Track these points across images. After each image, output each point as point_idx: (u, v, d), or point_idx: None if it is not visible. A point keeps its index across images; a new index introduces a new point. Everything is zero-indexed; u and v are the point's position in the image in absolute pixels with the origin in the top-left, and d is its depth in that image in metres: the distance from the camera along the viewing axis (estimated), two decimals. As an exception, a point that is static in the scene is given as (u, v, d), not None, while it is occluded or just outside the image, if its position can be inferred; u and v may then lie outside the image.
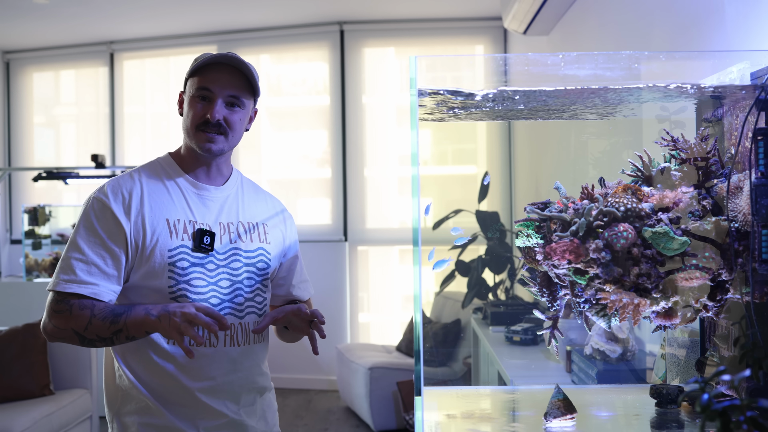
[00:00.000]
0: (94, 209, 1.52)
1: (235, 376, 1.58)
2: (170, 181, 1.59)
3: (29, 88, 6.26)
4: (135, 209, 1.52)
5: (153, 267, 1.51)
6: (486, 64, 1.79)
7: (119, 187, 1.55)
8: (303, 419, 4.79)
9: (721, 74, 1.44)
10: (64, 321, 1.47)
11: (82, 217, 1.53)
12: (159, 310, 1.45)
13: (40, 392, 3.59)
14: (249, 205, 1.67)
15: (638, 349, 2.45)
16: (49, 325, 1.49)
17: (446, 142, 5.83)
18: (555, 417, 1.34)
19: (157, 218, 1.53)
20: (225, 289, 1.58)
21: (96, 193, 1.55)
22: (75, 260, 1.48)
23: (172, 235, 1.53)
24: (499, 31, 5.54)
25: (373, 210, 5.68)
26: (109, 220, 1.51)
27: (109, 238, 1.50)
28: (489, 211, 4.63)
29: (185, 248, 1.54)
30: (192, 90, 1.58)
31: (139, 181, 1.57)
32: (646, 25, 2.53)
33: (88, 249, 1.49)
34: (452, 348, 4.61)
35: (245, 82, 1.59)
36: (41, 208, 5.45)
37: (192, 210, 1.58)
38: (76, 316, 1.46)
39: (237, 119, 1.58)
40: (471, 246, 4.60)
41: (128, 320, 1.46)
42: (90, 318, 1.46)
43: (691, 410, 1.41)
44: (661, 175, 1.39)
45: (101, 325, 1.46)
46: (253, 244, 1.63)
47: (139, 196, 1.54)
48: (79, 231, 1.51)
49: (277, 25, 5.69)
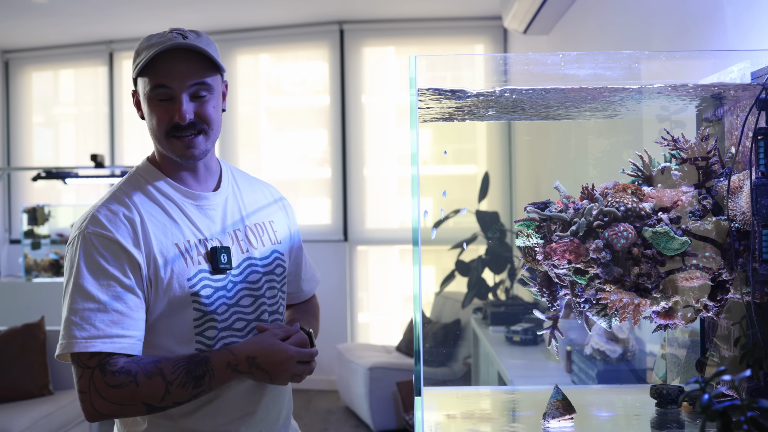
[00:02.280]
0: (96, 245, 1.26)
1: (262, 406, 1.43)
2: (162, 197, 1.36)
3: (28, 88, 6.26)
4: (142, 238, 1.29)
5: (174, 302, 1.30)
6: (486, 64, 1.78)
7: (115, 216, 1.29)
8: (303, 419, 4.78)
9: (722, 74, 1.44)
10: (130, 396, 1.21)
11: (81, 257, 1.25)
12: (247, 365, 1.27)
13: (39, 392, 3.59)
14: (249, 202, 1.49)
15: (638, 349, 2.45)
16: (106, 405, 1.21)
17: (446, 142, 5.83)
18: (554, 417, 1.34)
19: (165, 245, 1.31)
20: (248, 308, 1.39)
21: (89, 227, 1.27)
22: (91, 311, 1.22)
23: (188, 261, 1.32)
24: (499, 30, 5.54)
25: (373, 210, 5.68)
26: (120, 255, 1.26)
27: (125, 275, 1.26)
28: (489, 211, 4.63)
29: (204, 273, 1.33)
30: (146, 90, 1.31)
31: (132, 203, 1.32)
32: (646, 25, 2.53)
33: (103, 295, 1.24)
34: (452, 348, 4.60)
35: (204, 61, 1.32)
36: (40, 207, 5.45)
37: (197, 226, 1.36)
38: (147, 386, 1.21)
39: (210, 109, 1.33)
40: (471, 246, 4.60)
41: (213, 381, 1.26)
42: (166, 387, 1.22)
43: (691, 410, 1.41)
44: (662, 174, 1.39)
45: (182, 392, 1.23)
46: (266, 249, 1.45)
47: (139, 221, 1.30)
48: (81, 275, 1.24)
49: (277, 24, 5.69)
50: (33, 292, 4.93)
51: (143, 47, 1.32)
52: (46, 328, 3.70)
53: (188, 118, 1.30)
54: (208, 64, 1.33)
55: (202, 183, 1.42)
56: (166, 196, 1.36)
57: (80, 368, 1.23)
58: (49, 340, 3.70)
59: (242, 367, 1.27)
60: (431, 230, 4.46)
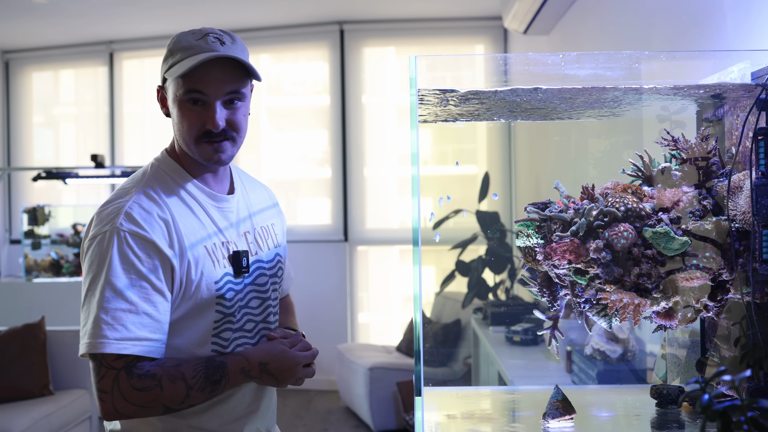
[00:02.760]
0: (129, 244, 1.24)
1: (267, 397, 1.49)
2: (189, 197, 1.35)
3: (29, 88, 6.26)
4: (176, 240, 1.28)
5: (199, 303, 1.31)
6: (486, 64, 1.78)
7: (149, 215, 1.27)
8: (303, 419, 4.78)
9: (722, 74, 1.44)
10: (152, 399, 1.22)
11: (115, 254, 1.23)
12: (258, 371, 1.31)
13: (40, 392, 3.59)
14: (254, 201, 1.50)
15: (638, 349, 2.45)
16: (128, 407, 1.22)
17: (446, 142, 5.83)
18: (553, 417, 1.34)
19: (195, 247, 1.31)
20: (256, 309, 1.42)
21: (124, 224, 1.25)
22: (122, 312, 1.21)
23: (215, 263, 1.33)
24: (499, 30, 5.54)
25: (373, 210, 5.68)
26: (154, 256, 1.25)
27: (158, 278, 1.25)
28: (489, 211, 4.63)
29: (229, 276, 1.35)
30: (180, 92, 1.30)
31: (162, 202, 1.31)
32: (646, 25, 2.53)
33: (134, 295, 1.23)
34: (452, 348, 4.60)
35: (240, 68, 1.32)
36: (40, 208, 5.45)
37: (220, 228, 1.37)
38: (170, 391, 1.23)
39: (241, 116, 1.34)
40: (471, 246, 4.60)
41: (228, 385, 1.29)
42: (186, 391, 1.24)
43: (691, 410, 1.41)
44: (662, 175, 1.39)
45: (200, 396, 1.26)
46: (270, 252, 1.47)
47: (171, 220, 1.29)
48: (114, 273, 1.22)
49: (277, 24, 5.69)
50: (33, 293, 4.93)
51: (178, 48, 1.31)
52: (46, 329, 3.70)
53: (221, 126, 1.31)
54: (242, 71, 1.33)
55: (219, 184, 1.43)
56: (192, 196, 1.36)
57: (104, 368, 1.22)
58: (50, 340, 3.70)
59: (254, 372, 1.32)
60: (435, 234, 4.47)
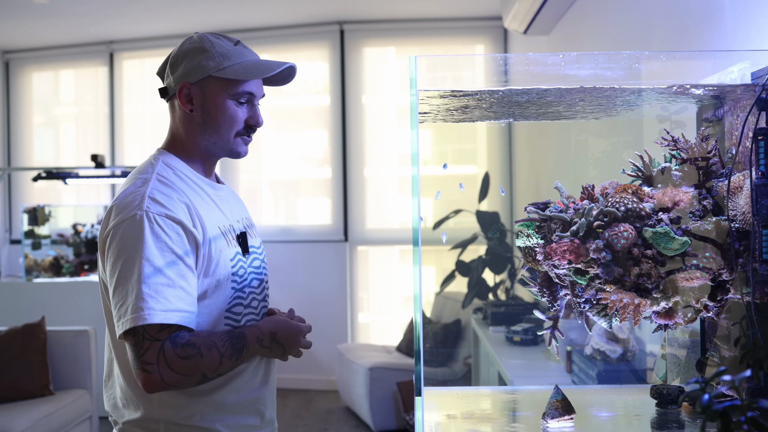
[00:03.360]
0: (160, 225, 1.32)
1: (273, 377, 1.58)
2: (194, 184, 1.45)
3: (29, 88, 6.26)
4: (197, 220, 1.38)
5: (218, 280, 1.39)
6: (486, 64, 1.79)
7: (170, 198, 1.36)
8: (303, 419, 4.79)
9: (722, 74, 1.44)
10: (194, 367, 1.30)
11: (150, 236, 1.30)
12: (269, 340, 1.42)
13: (40, 392, 3.59)
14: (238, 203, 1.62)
15: (638, 349, 2.45)
16: (173, 376, 1.29)
17: (446, 142, 5.83)
18: (553, 417, 1.34)
19: (211, 227, 1.41)
20: (257, 288, 1.51)
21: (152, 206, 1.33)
22: (163, 286, 1.28)
23: (228, 242, 1.43)
24: (499, 31, 5.54)
25: (373, 210, 5.68)
26: (182, 236, 1.34)
27: (187, 255, 1.34)
28: (489, 211, 4.63)
29: (240, 255, 1.46)
30: (231, 92, 1.43)
31: (177, 188, 1.40)
32: (646, 25, 2.53)
33: (170, 271, 1.30)
34: (452, 348, 4.60)
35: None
36: (41, 208, 5.45)
37: (223, 212, 1.48)
38: (207, 358, 1.31)
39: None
40: (471, 246, 4.60)
41: (247, 354, 1.39)
42: (220, 359, 1.33)
43: (691, 410, 1.41)
44: (662, 175, 1.39)
45: (229, 364, 1.35)
46: (257, 240, 1.58)
47: (190, 203, 1.39)
48: (149, 252, 1.29)
49: (277, 25, 5.69)
50: (33, 293, 4.93)
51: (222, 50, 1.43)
52: (46, 328, 3.70)
53: (262, 122, 1.49)
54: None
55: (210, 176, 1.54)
56: (195, 183, 1.46)
57: (147, 341, 1.28)
58: (50, 341, 3.70)
59: (266, 341, 1.41)
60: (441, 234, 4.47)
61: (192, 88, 1.43)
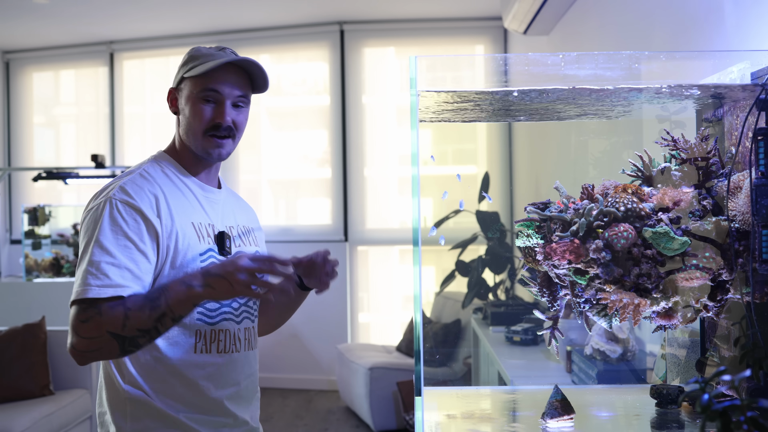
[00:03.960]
0: (119, 210, 1.39)
1: (250, 380, 1.57)
2: (180, 182, 1.52)
3: (29, 88, 6.26)
4: (164, 211, 1.43)
5: (186, 272, 1.42)
6: (486, 64, 1.79)
7: (140, 189, 1.43)
8: (303, 419, 4.79)
9: (722, 74, 1.44)
10: (95, 327, 1.31)
11: (105, 219, 1.38)
12: (201, 277, 1.35)
13: (40, 392, 3.59)
14: (238, 210, 1.66)
15: (638, 349, 2.45)
16: (79, 341, 1.32)
17: (446, 142, 5.83)
18: (552, 417, 1.34)
19: (183, 221, 1.46)
20: None
21: (117, 194, 1.41)
22: (106, 264, 1.34)
23: (200, 238, 1.48)
24: (499, 31, 5.54)
25: (373, 210, 5.68)
26: (140, 222, 1.40)
27: (142, 240, 1.39)
28: (489, 211, 4.63)
29: (213, 252, 1.49)
30: (196, 91, 1.49)
31: (155, 182, 1.47)
32: (646, 25, 2.53)
33: (118, 252, 1.36)
34: (452, 348, 4.61)
35: (248, 78, 1.54)
36: (41, 208, 5.45)
37: (206, 212, 1.53)
38: (109, 317, 1.31)
39: (243, 119, 1.54)
40: (471, 246, 4.60)
41: (170, 301, 1.34)
42: (125, 312, 1.32)
43: (691, 410, 1.41)
44: (662, 175, 1.39)
45: (140, 316, 1.32)
46: (251, 249, 1.61)
47: (163, 197, 1.45)
48: (103, 234, 1.37)
49: (277, 25, 5.69)
50: (34, 293, 4.93)
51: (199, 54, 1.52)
52: (46, 329, 3.70)
53: (229, 122, 1.50)
54: (249, 81, 1.54)
55: (210, 181, 1.60)
56: (182, 181, 1.53)
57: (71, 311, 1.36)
58: (50, 341, 3.70)
59: (197, 280, 1.35)
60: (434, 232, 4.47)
61: (175, 92, 1.55)
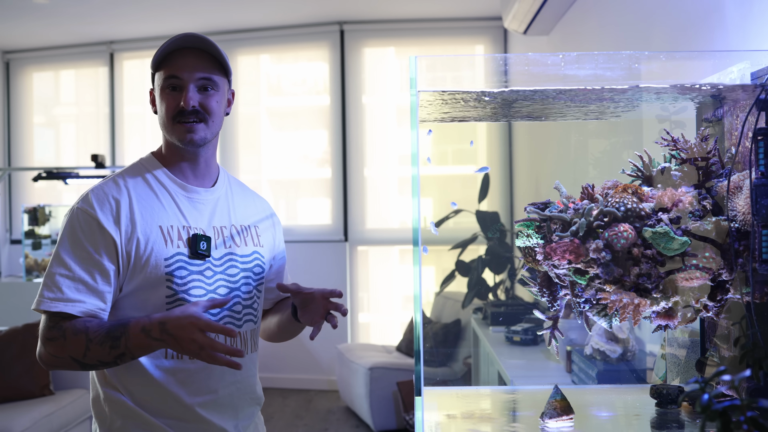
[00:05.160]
0: (79, 221, 1.42)
1: (235, 387, 1.53)
2: (158, 184, 1.50)
3: (29, 88, 6.26)
4: (125, 217, 1.43)
5: (149, 277, 1.42)
6: (486, 64, 1.79)
7: (104, 196, 1.44)
8: (303, 419, 4.79)
9: (722, 74, 1.44)
10: (59, 348, 1.37)
11: (66, 229, 1.42)
12: (159, 331, 1.33)
13: (40, 392, 3.59)
14: (239, 207, 1.61)
15: (638, 349, 2.45)
16: (45, 354, 1.39)
17: (446, 142, 5.83)
18: (551, 417, 1.34)
19: (149, 226, 1.44)
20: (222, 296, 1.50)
21: (80, 203, 1.44)
22: (60, 276, 1.39)
23: (167, 242, 1.45)
24: (499, 31, 5.54)
25: (373, 210, 5.68)
26: (96, 232, 1.41)
27: (97, 251, 1.40)
28: (489, 211, 4.63)
29: (182, 256, 1.45)
30: (160, 82, 1.48)
31: (125, 186, 1.47)
32: (646, 25, 2.53)
33: (74, 264, 1.40)
34: (452, 348, 4.60)
35: (214, 62, 1.50)
36: (41, 208, 5.45)
37: (184, 215, 1.49)
38: (72, 342, 1.36)
39: (213, 103, 1.49)
40: (471, 246, 4.60)
41: (129, 343, 1.35)
42: (86, 343, 1.35)
43: (691, 410, 1.41)
44: (662, 175, 1.39)
45: (100, 350, 1.35)
46: (247, 248, 1.57)
47: (127, 202, 1.45)
48: (63, 245, 1.41)
49: (277, 25, 5.69)
50: (34, 293, 4.90)
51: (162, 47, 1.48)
52: (46, 328, 3.70)
53: (192, 104, 1.46)
54: (217, 65, 1.51)
55: (200, 179, 1.56)
56: (161, 183, 1.51)
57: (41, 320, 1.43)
58: (50, 340, 3.70)
59: (155, 333, 1.34)
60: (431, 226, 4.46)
61: (152, 92, 1.54)
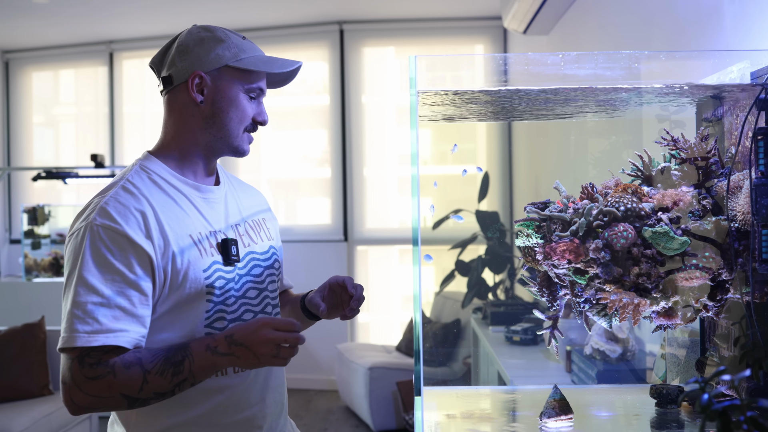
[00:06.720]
0: (103, 239, 1.23)
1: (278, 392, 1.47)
2: (171, 188, 1.35)
3: (29, 88, 6.26)
4: (155, 230, 1.27)
5: (188, 293, 1.29)
6: (486, 64, 1.79)
7: (125, 208, 1.26)
8: (303, 419, 4.78)
9: (721, 74, 1.44)
10: (107, 387, 1.19)
11: (88, 250, 1.22)
12: (226, 345, 1.23)
13: (40, 392, 3.59)
14: (244, 200, 1.51)
15: (638, 349, 2.45)
16: (83, 397, 1.19)
17: (446, 142, 5.83)
18: (550, 417, 1.34)
19: (180, 236, 1.30)
20: (254, 300, 1.41)
21: (97, 219, 1.24)
22: (93, 305, 1.20)
23: (202, 252, 1.32)
24: (499, 30, 5.54)
25: (373, 210, 5.68)
26: (127, 249, 1.23)
27: (131, 271, 1.23)
28: (489, 211, 4.63)
29: (218, 264, 1.34)
30: (243, 86, 1.38)
31: (142, 195, 1.30)
32: (646, 25, 2.53)
33: (106, 289, 1.21)
34: (452, 348, 4.60)
35: None
36: (40, 207, 5.45)
37: (206, 218, 1.37)
38: (124, 377, 1.19)
39: None
40: (471, 246, 4.60)
41: (194, 367, 1.22)
42: (143, 375, 1.20)
43: (691, 410, 1.41)
44: (661, 174, 1.39)
45: (160, 380, 1.20)
46: (264, 244, 1.47)
47: (152, 213, 1.28)
48: (86, 268, 1.22)
49: (277, 25, 5.69)
50: (33, 292, 4.93)
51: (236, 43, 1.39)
52: (46, 328, 3.70)
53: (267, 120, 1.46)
54: None
55: (205, 179, 1.43)
56: (174, 187, 1.36)
57: (68, 360, 1.22)
58: (50, 340, 3.70)
59: (222, 348, 1.23)
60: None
61: (205, 77, 1.35)
